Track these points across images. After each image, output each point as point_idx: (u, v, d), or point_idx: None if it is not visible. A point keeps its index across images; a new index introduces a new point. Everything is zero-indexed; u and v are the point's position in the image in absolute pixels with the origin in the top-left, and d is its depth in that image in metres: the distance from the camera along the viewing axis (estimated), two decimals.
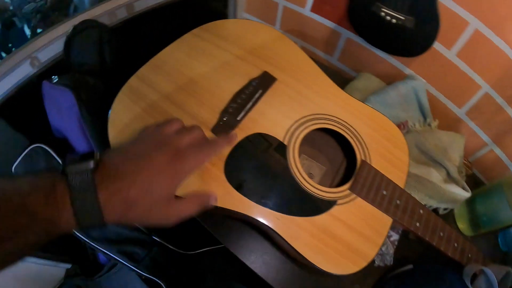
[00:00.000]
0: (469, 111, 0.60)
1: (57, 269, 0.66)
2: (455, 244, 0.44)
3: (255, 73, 0.42)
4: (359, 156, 0.40)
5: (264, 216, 0.34)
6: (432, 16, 0.48)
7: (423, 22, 0.49)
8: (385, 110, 0.54)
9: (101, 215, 0.26)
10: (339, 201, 0.36)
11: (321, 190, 0.36)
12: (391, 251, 0.47)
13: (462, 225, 0.57)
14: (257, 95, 0.40)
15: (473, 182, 0.58)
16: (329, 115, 0.41)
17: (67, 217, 0.25)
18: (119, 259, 0.48)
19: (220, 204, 0.33)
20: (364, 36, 0.57)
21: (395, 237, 0.48)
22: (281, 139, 0.38)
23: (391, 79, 0.61)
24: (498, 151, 0.62)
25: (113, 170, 0.27)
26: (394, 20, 0.51)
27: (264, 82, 0.41)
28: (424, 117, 0.59)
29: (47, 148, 0.48)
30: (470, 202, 0.56)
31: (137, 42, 0.46)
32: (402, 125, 0.54)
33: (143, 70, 0.41)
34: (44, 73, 0.49)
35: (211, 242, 0.53)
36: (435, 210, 0.53)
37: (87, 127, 0.45)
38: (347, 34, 0.61)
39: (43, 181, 0.25)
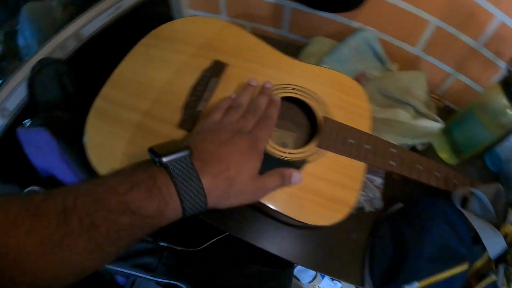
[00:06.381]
0: (424, 47, 0.62)
1: None
2: (437, 174, 0.46)
3: (207, 64, 0.44)
4: (320, 114, 0.42)
5: None
6: None
7: None
8: (341, 67, 0.56)
9: (205, 198, 0.27)
10: (309, 159, 0.39)
11: (290, 153, 0.39)
12: (378, 195, 0.49)
13: (444, 155, 0.59)
14: (212, 84, 0.42)
15: (446, 113, 0.60)
16: (284, 84, 0.44)
17: (173, 206, 0.25)
18: (135, 273, 0.50)
19: None
20: (303, 1, 0.59)
21: (378, 181, 0.50)
22: None
23: (342, 36, 0.63)
24: (463, 78, 0.65)
25: (208, 155, 0.28)
26: None
27: (216, 70, 0.44)
28: (382, 63, 0.61)
29: (38, 189, 0.51)
30: (447, 132, 0.58)
31: (95, 66, 0.48)
32: (360, 77, 0.57)
33: (105, 90, 0.43)
34: (16, 120, 0.51)
35: (214, 233, 0.55)
36: (413, 147, 0.55)
37: (69, 158, 0.47)
38: (290, 4, 0.62)
39: (140, 176, 0.25)
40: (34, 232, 0.21)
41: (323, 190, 0.38)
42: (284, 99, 0.43)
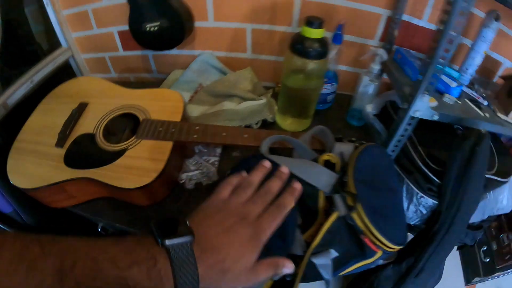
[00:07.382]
0: (253, 49, 0.80)
1: None
2: (245, 135, 0.60)
3: (75, 106, 0.68)
4: (141, 118, 0.63)
5: (86, 173, 0.56)
6: (171, 15, 0.71)
7: (169, 20, 0.71)
8: (187, 85, 0.77)
9: (198, 284, 0.28)
10: (130, 147, 0.59)
11: (116, 146, 0.60)
12: (213, 169, 0.65)
13: (287, 123, 0.72)
14: (76, 116, 0.66)
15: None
16: (120, 106, 0.66)
17: (167, 287, 0.27)
18: None
19: (71, 177, 0.56)
20: (150, 47, 0.77)
21: (214, 159, 0.66)
22: (91, 132, 0.62)
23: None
24: None
25: (209, 243, 0.30)
26: (154, 28, 0.72)
27: (80, 108, 0.67)
28: (224, 74, 0.80)
29: None
30: (282, 108, 0.72)
31: (19, 124, 0.72)
32: (199, 87, 0.77)
33: (19, 135, 0.66)
34: None
35: None
36: (249, 127, 0.70)
37: (2, 189, 0.71)
38: (150, 52, 0.86)
39: (143, 253, 0.27)
40: (27, 285, 0.21)
41: (137, 164, 0.56)
42: (123, 115, 0.66)
